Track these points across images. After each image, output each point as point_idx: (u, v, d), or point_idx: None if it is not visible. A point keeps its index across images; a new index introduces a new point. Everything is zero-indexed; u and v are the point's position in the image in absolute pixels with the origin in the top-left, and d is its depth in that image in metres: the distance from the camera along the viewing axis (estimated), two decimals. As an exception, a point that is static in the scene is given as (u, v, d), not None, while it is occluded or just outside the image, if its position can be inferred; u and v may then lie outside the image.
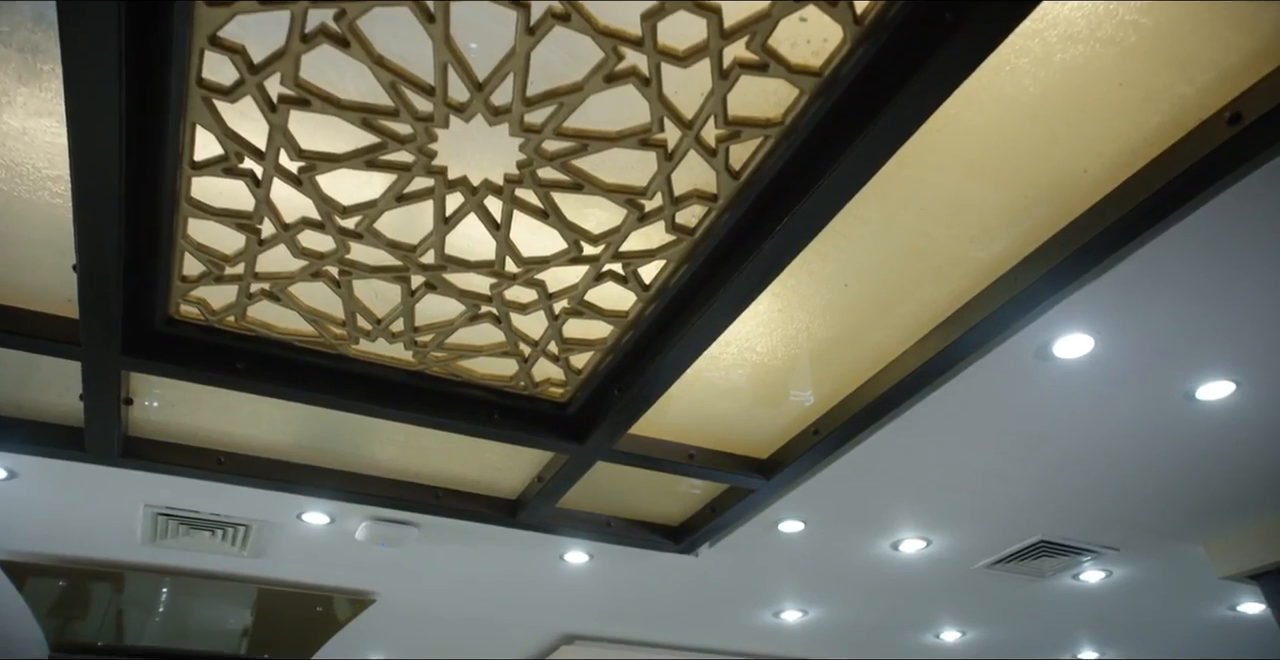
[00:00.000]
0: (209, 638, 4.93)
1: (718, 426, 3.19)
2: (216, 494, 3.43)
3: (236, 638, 4.97)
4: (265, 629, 4.87)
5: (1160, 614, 4.79)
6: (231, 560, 4.04)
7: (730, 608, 4.74)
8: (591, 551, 4.05)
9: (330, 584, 4.36)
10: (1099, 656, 5.46)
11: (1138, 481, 3.46)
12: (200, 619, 4.72)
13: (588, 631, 5.09)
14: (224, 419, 3.08)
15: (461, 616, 4.80)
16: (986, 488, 3.52)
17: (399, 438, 3.24)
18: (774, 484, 3.36)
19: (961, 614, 4.87)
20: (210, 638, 4.93)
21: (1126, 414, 3.01)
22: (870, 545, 4.01)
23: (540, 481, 3.42)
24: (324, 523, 3.71)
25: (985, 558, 4.13)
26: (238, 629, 4.85)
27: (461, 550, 4.03)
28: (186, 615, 4.67)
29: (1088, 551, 4.04)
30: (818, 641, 5.27)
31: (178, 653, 5.02)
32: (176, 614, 4.65)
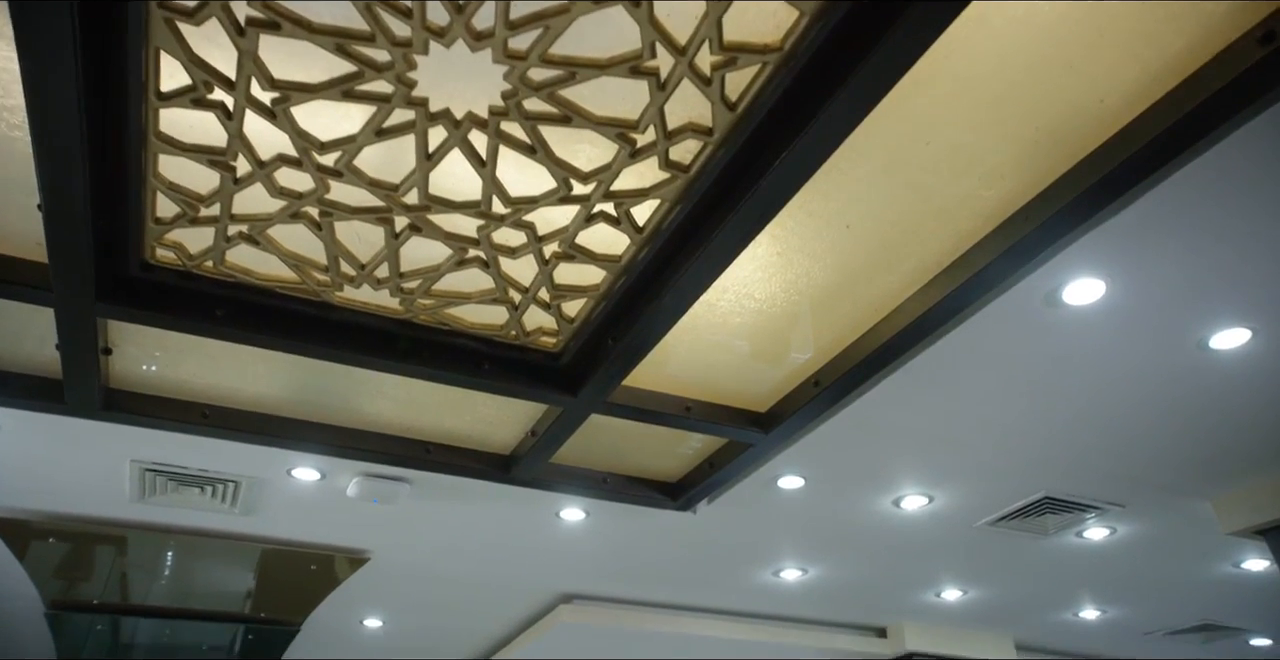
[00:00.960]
0: (202, 596, 4.90)
1: (715, 378, 3.11)
2: (204, 449, 3.36)
3: (229, 596, 4.94)
4: (259, 588, 4.84)
5: (1163, 572, 4.74)
6: (222, 518, 3.99)
7: (729, 566, 4.69)
8: (588, 508, 3.98)
9: (324, 542, 4.31)
10: (1100, 614, 5.42)
11: (1147, 435, 3.38)
12: (193, 577, 4.67)
13: (585, 590, 5.05)
14: (207, 371, 3.00)
15: (458, 575, 4.76)
16: (991, 442, 3.44)
17: (388, 390, 3.16)
18: (773, 438, 3.28)
19: (963, 572, 4.82)
20: (203, 596, 4.90)
21: (1137, 364, 2.92)
22: (871, 502, 3.94)
23: (533, 436, 3.35)
24: (314, 479, 3.64)
25: (988, 515, 4.06)
26: (230, 588, 4.82)
27: (455, 507, 3.97)
28: (180, 574, 4.63)
29: (1092, 508, 3.98)
30: (817, 601, 5.23)
31: (172, 610, 4.99)
32: (170, 572, 4.61)
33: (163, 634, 5.68)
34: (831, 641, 5.64)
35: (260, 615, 5.20)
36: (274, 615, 5.21)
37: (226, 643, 5.94)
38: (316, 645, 5.88)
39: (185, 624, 5.43)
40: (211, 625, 5.39)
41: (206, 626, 5.43)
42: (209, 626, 5.43)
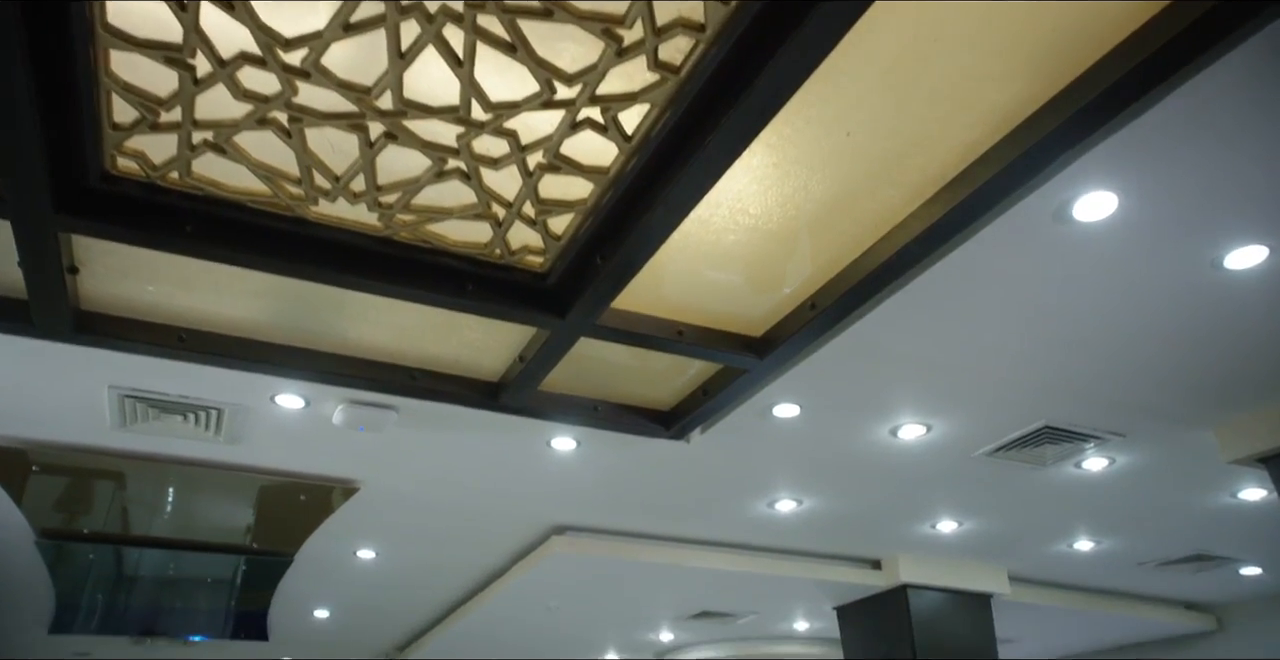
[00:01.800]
0: (192, 526, 4.87)
1: (708, 302, 3.00)
2: (184, 375, 3.27)
3: (219, 527, 4.91)
4: (248, 518, 4.80)
5: (1160, 502, 4.70)
6: (208, 447, 3.91)
7: (723, 498, 4.65)
8: (579, 438, 3.91)
9: (312, 472, 4.25)
10: (1094, 545, 5.41)
11: (1152, 362, 3.29)
12: (181, 508, 4.63)
13: (578, 522, 5.02)
14: (182, 292, 2.89)
15: (449, 506, 4.72)
16: (992, 369, 3.35)
17: (371, 314, 3.06)
18: (768, 363, 3.19)
19: (959, 504, 4.78)
20: (193, 527, 4.87)
21: (1148, 285, 2.81)
22: (868, 431, 3.87)
23: (522, 362, 3.26)
24: (299, 406, 3.56)
25: (986, 444, 4.00)
26: (219, 518, 4.79)
27: (444, 436, 3.89)
28: (168, 504, 4.58)
29: (1092, 438, 3.91)
30: (812, 532, 5.21)
31: (164, 540, 4.97)
32: (158, 503, 4.57)
33: (167, 567, 5.70)
34: (826, 573, 5.64)
35: (252, 546, 5.19)
36: (266, 546, 5.20)
37: (228, 575, 5.97)
38: (311, 576, 5.89)
39: (185, 557, 5.44)
40: (209, 556, 5.40)
41: (205, 558, 5.44)
42: (208, 558, 5.43)
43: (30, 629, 6.80)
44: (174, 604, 6.48)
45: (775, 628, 7.06)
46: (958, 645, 5.64)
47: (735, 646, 7.48)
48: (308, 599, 6.55)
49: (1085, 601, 6.37)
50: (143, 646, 7.77)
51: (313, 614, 6.96)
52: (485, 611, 6.22)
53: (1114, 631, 7.14)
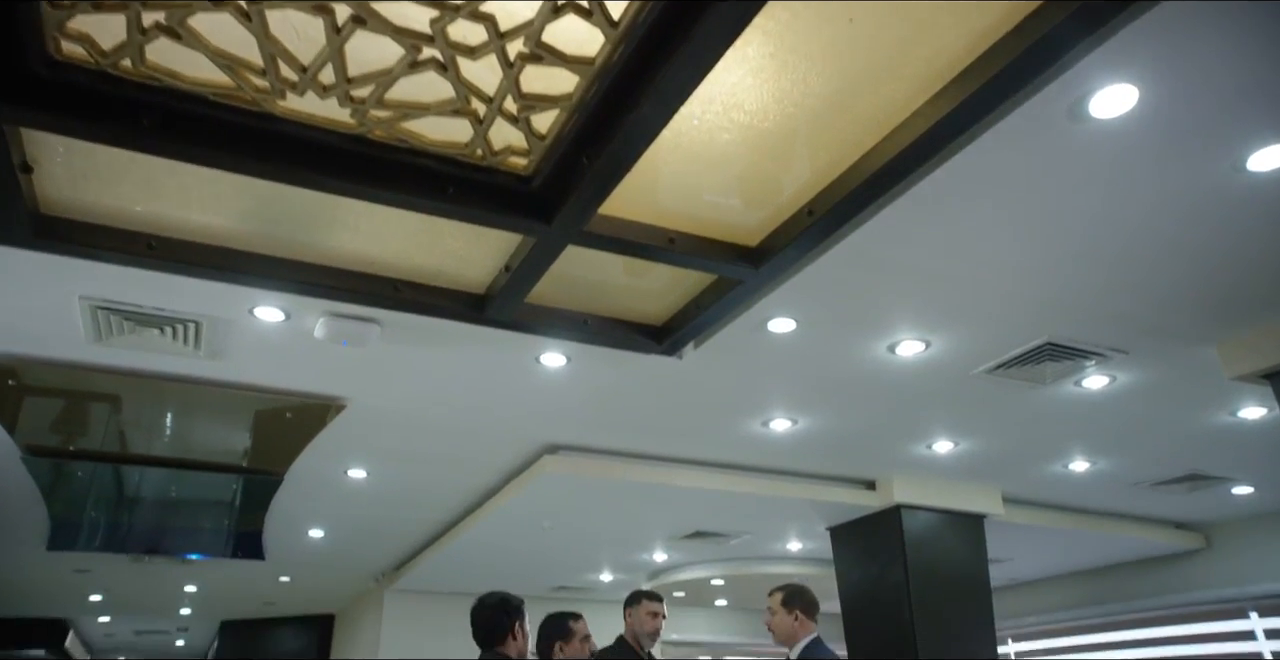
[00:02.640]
0: (178, 445, 4.81)
1: (702, 208, 2.87)
2: (157, 285, 3.15)
3: (205, 445, 4.85)
4: (235, 436, 4.74)
5: (1158, 421, 4.64)
6: (188, 362, 3.82)
7: (717, 416, 4.58)
8: (569, 353, 3.82)
9: (296, 388, 4.16)
10: (1090, 466, 5.38)
11: (1161, 275, 3.18)
12: (166, 425, 4.56)
13: (570, 441, 4.97)
14: (149, 196, 2.75)
15: (438, 425, 4.66)
16: (995, 281, 3.24)
17: (349, 220, 2.93)
18: (763, 274, 3.07)
19: (955, 423, 4.72)
20: (179, 445, 4.81)
21: (1163, 189, 2.68)
22: (865, 347, 3.77)
23: (508, 272, 3.14)
24: (279, 319, 3.45)
25: (986, 362, 3.91)
26: (206, 435, 4.72)
27: (430, 352, 3.80)
28: (152, 421, 4.51)
29: (1094, 355, 3.82)
30: (807, 452, 5.17)
31: (150, 458, 4.92)
32: (142, 419, 4.50)
33: (158, 486, 5.68)
34: (820, 494, 5.62)
35: (241, 465, 5.14)
36: (255, 465, 5.15)
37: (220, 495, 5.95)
38: (303, 496, 5.88)
39: (176, 476, 5.41)
40: (199, 476, 5.36)
41: (195, 477, 5.41)
42: (198, 477, 5.40)
43: (29, 545, 6.84)
44: (169, 523, 6.51)
45: (768, 548, 7.11)
46: (950, 565, 5.67)
47: (728, 566, 7.55)
48: (301, 519, 6.57)
49: (1076, 522, 6.40)
50: (141, 564, 7.85)
51: (307, 534, 6.99)
52: (479, 531, 6.24)
53: (1103, 551, 7.20)
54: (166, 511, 6.26)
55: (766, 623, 4.07)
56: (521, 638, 3.22)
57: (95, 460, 4.87)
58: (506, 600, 3.23)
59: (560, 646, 3.86)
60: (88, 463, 4.94)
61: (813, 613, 3.99)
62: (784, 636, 3.99)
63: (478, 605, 3.22)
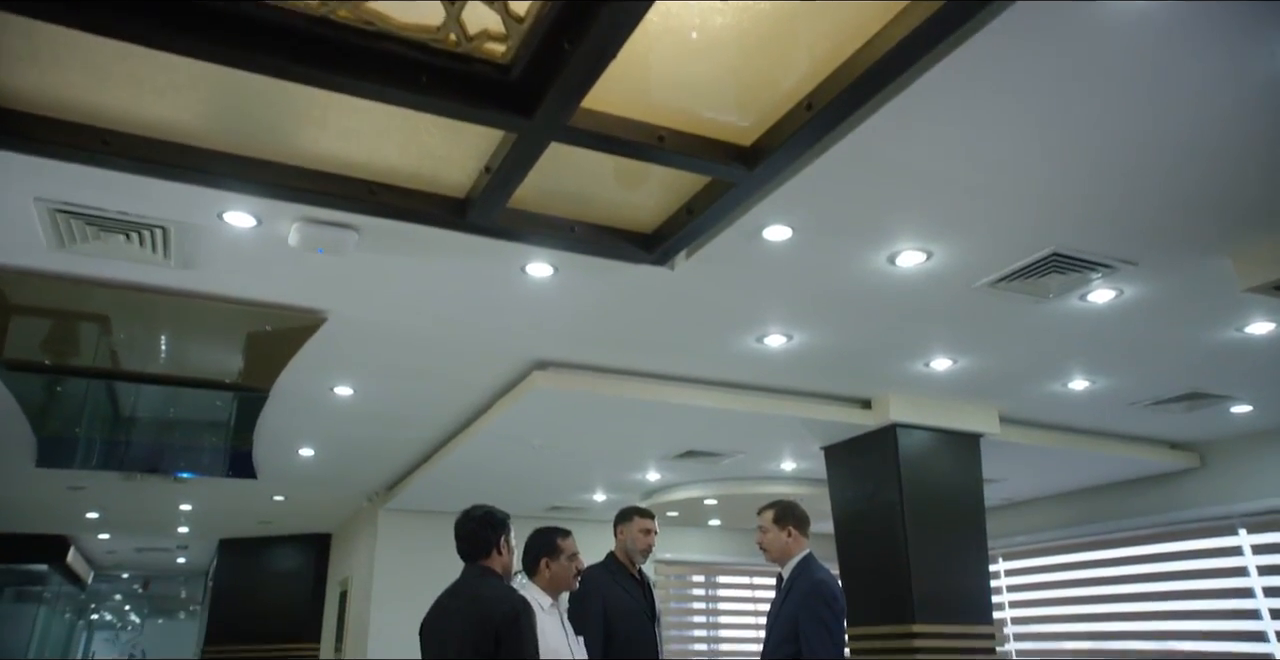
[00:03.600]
0: (157, 359, 4.69)
1: (692, 103, 2.69)
2: (116, 186, 2.98)
3: (185, 359, 4.74)
4: (214, 350, 4.62)
5: (1162, 337, 4.52)
6: (159, 271, 3.67)
7: (710, 331, 4.46)
8: (556, 263, 3.67)
9: (275, 301, 4.02)
10: (1089, 384, 5.29)
11: (1175, 180, 3.01)
12: (144, 338, 4.43)
13: (560, 357, 4.86)
14: (98, 86, 2.56)
15: (423, 339, 4.53)
16: (1001, 185, 3.07)
17: (318, 114, 2.75)
18: (758, 175, 2.91)
19: (955, 340, 4.60)
20: (158, 359, 4.69)
21: (1183, 81, 2.50)
22: (864, 258, 3.63)
23: (488, 173, 2.97)
24: (250, 225, 3.29)
25: (989, 274, 3.77)
26: (184, 349, 4.60)
27: (411, 261, 3.65)
28: (129, 333, 4.38)
29: (1102, 266, 3.68)
30: (802, 370, 5.07)
31: (130, 373, 4.81)
32: (120, 332, 4.36)
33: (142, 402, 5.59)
34: (814, 412, 5.54)
35: (224, 381, 5.04)
36: (238, 381, 5.05)
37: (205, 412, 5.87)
38: (291, 413, 5.80)
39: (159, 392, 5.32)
40: (182, 392, 5.27)
41: (179, 393, 5.31)
42: (181, 393, 5.31)
43: (18, 462, 6.79)
44: (157, 441, 6.45)
45: (762, 468, 7.08)
46: (945, 485, 5.63)
47: (722, 486, 7.54)
48: (291, 437, 6.51)
49: (1072, 442, 6.35)
50: (134, 483, 7.83)
51: (298, 453, 6.94)
52: (470, 450, 6.18)
53: (1097, 471, 7.18)
54: (153, 430, 6.19)
55: (759, 541, 4.02)
56: (507, 552, 3.15)
57: (73, 375, 4.76)
58: (491, 514, 3.16)
59: (547, 563, 3.79)
60: (66, 377, 4.83)
61: (805, 529, 3.94)
62: (777, 554, 3.94)
63: (462, 518, 3.14)
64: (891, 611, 5.27)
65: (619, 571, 4.39)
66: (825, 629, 3.53)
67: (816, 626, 3.53)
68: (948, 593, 5.30)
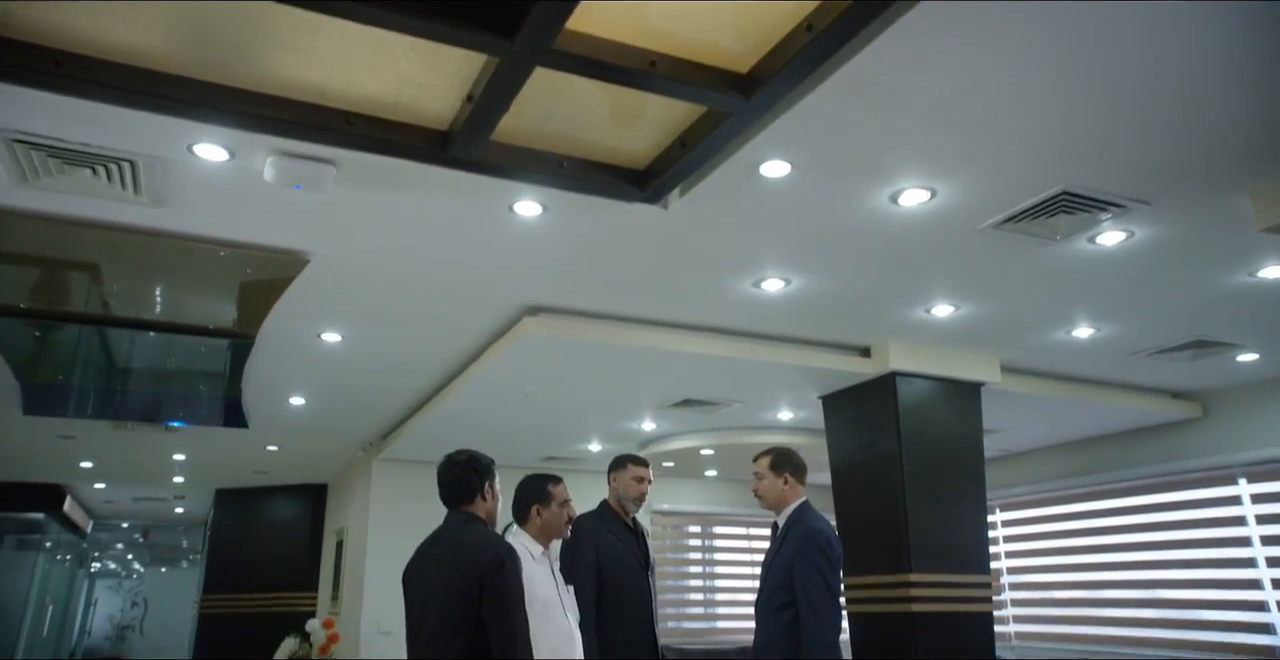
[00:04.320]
0: (136, 303, 4.57)
1: (686, 24, 2.53)
2: (77, 115, 2.82)
3: (165, 303, 4.61)
4: (194, 294, 4.49)
5: (1172, 282, 4.38)
6: (131, 209, 3.52)
7: (705, 274, 4.32)
8: (545, 202, 3.52)
9: (254, 241, 3.87)
10: (1094, 332, 5.17)
11: (1198, 111, 2.86)
12: (121, 281, 4.30)
13: (551, 302, 4.72)
14: (47, 2, 2.39)
15: (410, 283, 4.40)
16: (1011, 118, 2.92)
17: (288, 36, 2.58)
18: (755, 104, 2.76)
19: (957, 285, 4.47)
20: (137, 303, 4.57)
21: (1210, 12, 2.33)
22: (866, 196, 3.48)
23: (470, 102, 2.81)
24: (223, 159, 3.13)
25: (995, 214, 3.63)
26: (163, 293, 4.47)
27: (394, 200, 3.50)
28: (105, 277, 4.24)
29: (1113, 206, 3.53)
30: (800, 316, 4.94)
31: (107, 318, 4.68)
32: (95, 274, 4.23)
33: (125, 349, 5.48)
34: (812, 360, 5.43)
35: (207, 326, 4.91)
36: (222, 326, 4.93)
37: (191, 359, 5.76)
38: (279, 361, 5.69)
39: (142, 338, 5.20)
40: (165, 338, 5.15)
41: (162, 340, 5.20)
42: (164, 340, 5.20)
43: (4, 410, 6.70)
44: (143, 389, 6.35)
45: (758, 417, 7.00)
46: (944, 434, 5.54)
47: (718, 436, 7.47)
48: (280, 386, 6.41)
49: (1074, 391, 6.26)
50: (125, 431, 7.76)
51: (288, 402, 6.85)
52: (462, 398, 6.09)
53: (1097, 421, 7.11)
54: (139, 378, 6.08)
55: (754, 488, 3.94)
56: (491, 498, 3.06)
57: (49, 319, 4.63)
58: (475, 458, 3.06)
59: (537, 510, 3.70)
60: (44, 322, 4.70)
61: (801, 476, 3.86)
62: (773, 501, 3.86)
63: (445, 463, 3.05)
64: (888, 561, 5.22)
65: (612, 520, 4.33)
66: (820, 577, 3.46)
67: (812, 574, 3.46)
68: (945, 542, 5.25)
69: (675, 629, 9.60)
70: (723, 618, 9.88)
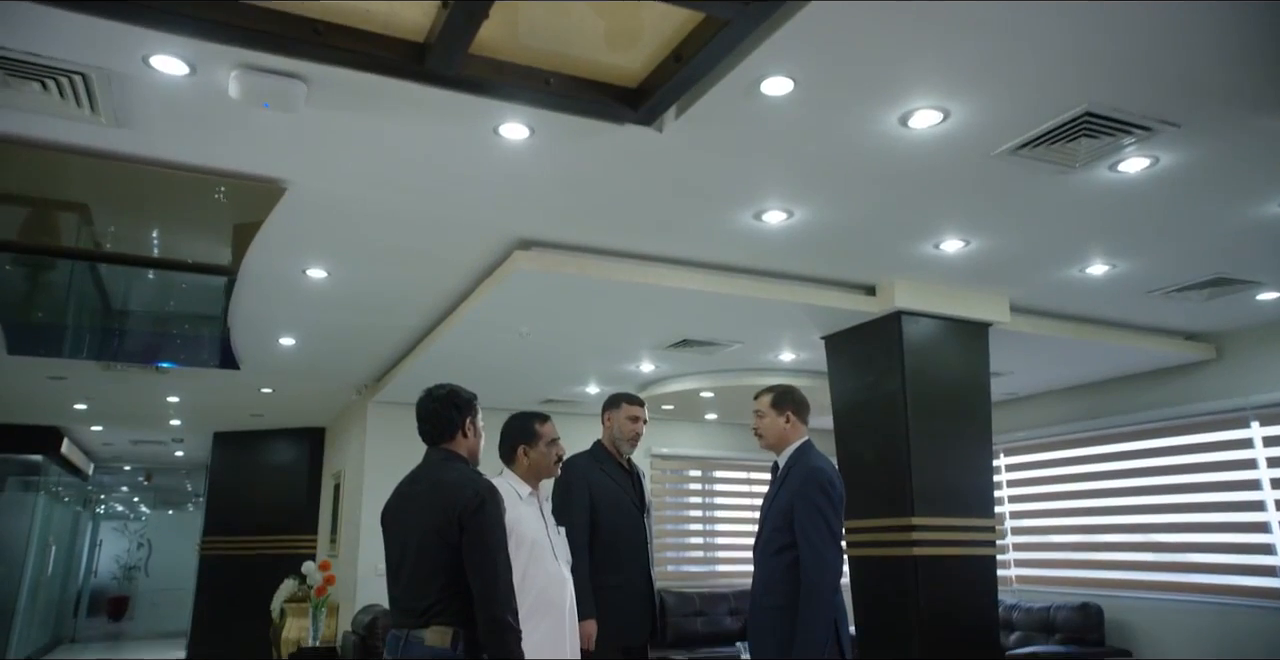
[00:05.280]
0: (110, 235, 4.37)
1: (680, -87, 2.29)
2: (18, 19, 2.60)
3: (139, 236, 4.41)
4: (171, 227, 4.29)
5: (1195, 214, 4.16)
6: (89, 130, 3.30)
7: (703, 205, 4.11)
8: (532, 123, 3.30)
9: (225, 167, 3.67)
10: (1109, 269, 4.96)
11: (1243, 18, 2.62)
12: (90, 211, 4.10)
13: (543, 236, 4.52)
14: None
15: (395, 215, 4.19)
16: (1033, 29, 2.68)
17: (240, -69, 2.35)
18: (755, 10, 2.53)
19: (968, 217, 4.26)
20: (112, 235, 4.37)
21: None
22: (874, 118, 3.25)
23: (446, 6, 2.58)
24: (183, 73, 2.91)
25: (1012, 138, 3.40)
26: (137, 225, 4.27)
27: (371, 122, 3.28)
28: (75, 206, 4.05)
29: (1139, 129, 3.31)
30: (802, 251, 4.74)
31: (78, 251, 4.50)
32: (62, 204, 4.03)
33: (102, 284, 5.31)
34: (815, 298, 5.24)
35: (186, 261, 4.73)
36: (202, 260, 4.74)
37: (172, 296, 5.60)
38: (264, 298, 5.52)
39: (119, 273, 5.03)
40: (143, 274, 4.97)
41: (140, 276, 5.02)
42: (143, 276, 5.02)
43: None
44: (125, 327, 6.20)
45: (759, 358, 6.84)
46: (949, 376, 5.37)
47: (718, 378, 7.33)
48: (269, 325, 6.25)
49: (1084, 332, 6.08)
50: (114, 372, 7.63)
51: (278, 342, 6.70)
52: (455, 338, 5.93)
53: (1107, 364, 6.93)
54: (123, 316, 5.92)
55: (754, 426, 3.79)
56: (473, 435, 2.91)
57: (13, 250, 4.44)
58: (456, 393, 2.90)
59: (524, 450, 3.57)
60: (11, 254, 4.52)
61: (804, 415, 3.71)
62: (773, 440, 3.71)
63: (424, 398, 2.89)
64: (890, 504, 5.09)
65: (606, 460, 4.20)
66: (821, 518, 3.31)
67: (812, 515, 3.32)
68: (949, 485, 5.12)
69: (675, 573, 9.58)
70: (722, 561, 9.86)
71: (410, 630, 2.63)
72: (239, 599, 10.58)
